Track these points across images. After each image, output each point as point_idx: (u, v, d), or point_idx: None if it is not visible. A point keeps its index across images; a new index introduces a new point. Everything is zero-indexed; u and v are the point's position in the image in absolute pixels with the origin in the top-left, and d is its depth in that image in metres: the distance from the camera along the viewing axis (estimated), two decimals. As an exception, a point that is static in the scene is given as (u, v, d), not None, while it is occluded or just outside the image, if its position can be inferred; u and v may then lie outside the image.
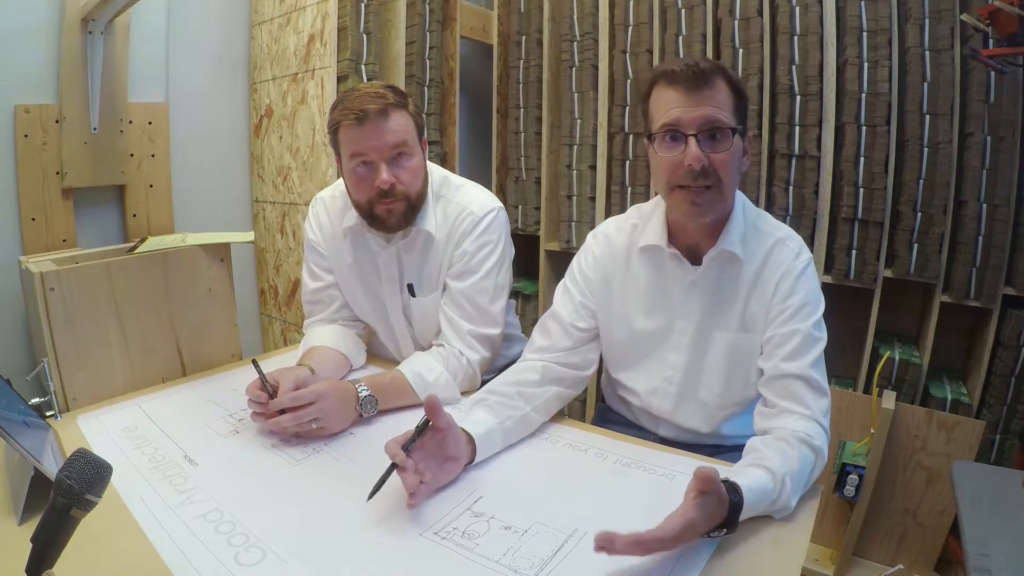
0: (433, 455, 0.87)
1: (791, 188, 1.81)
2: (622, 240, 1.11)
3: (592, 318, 1.13)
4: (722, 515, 0.74)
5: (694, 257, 1.03)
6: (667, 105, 0.94)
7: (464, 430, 0.92)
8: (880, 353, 1.74)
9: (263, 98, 2.07)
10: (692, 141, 0.92)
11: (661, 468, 0.95)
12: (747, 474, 0.80)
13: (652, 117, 0.97)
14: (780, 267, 0.99)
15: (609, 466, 0.97)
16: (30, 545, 0.56)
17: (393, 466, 0.82)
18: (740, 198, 1.04)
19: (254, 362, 1.05)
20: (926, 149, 1.67)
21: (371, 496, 0.81)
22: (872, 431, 1.51)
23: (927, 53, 1.64)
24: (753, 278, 1.00)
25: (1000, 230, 1.61)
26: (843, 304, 1.80)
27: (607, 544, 0.66)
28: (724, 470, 0.80)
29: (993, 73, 1.54)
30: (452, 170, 1.68)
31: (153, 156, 1.82)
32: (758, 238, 1.02)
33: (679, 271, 1.04)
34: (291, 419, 0.99)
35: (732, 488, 0.75)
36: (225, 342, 1.39)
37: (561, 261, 2.23)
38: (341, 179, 1.24)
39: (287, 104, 1.97)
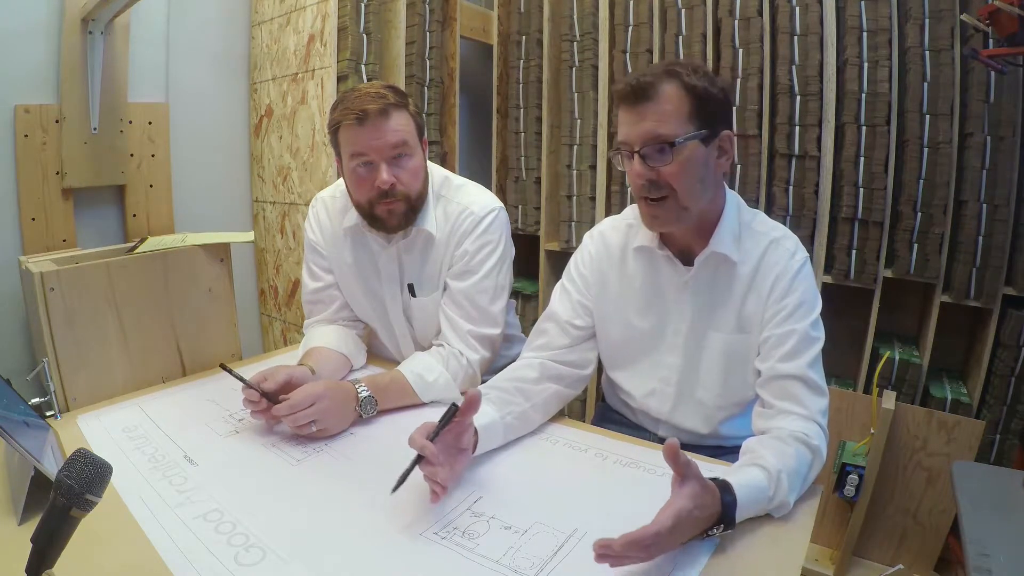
0: (450, 447, 0.87)
1: (791, 188, 1.81)
2: (617, 239, 1.11)
3: (589, 316, 1.13)
4: (715, 507, 0.74)
5: (686, 258, 1.03)
6: (620, 122, 0.96)
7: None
8: (880, 353, 1.74)
9: (263, 98, 2.07)
10: (636, 158, 0.93)
11: (661, 468, 0.94)
12: (741, 472, 0.80)
13: None
14: (776, 267, 0.99)
15: (609, 466, 0.97)
16: (30, 545, 0.56)
17: (418, 459, 0.81)
18: (733, 199, 1.04)
19: (222, 366, 1.04)
20: (926, 149, 1.66)
21: (395, 489, 0.80)
22: (872, 431, 1.51)
23: (927, 53, 1.64)
24: (749, 279, 1.00)
25: (1000, 230, 1.61)
26: (843, 304, 1.80)
27: (606, 550, 0.66)
28: (722, 473, 0.80)
29: (993, 73, 1.54)
30: (452, 170, 1.68)
31: (153, 156, 1.82)
32: (753, 238, 1.02)
33: (672, 272, 1.04)
34: (289, 421, 0.99)
35: (724, 487, 0.75)
36: (225, 342, 1.39)
37: (561, 261, 2.23)
38: (341, 179, 1.24)
39: (287, 104, 1.97)
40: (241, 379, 1.01)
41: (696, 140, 0.92)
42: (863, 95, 1.69)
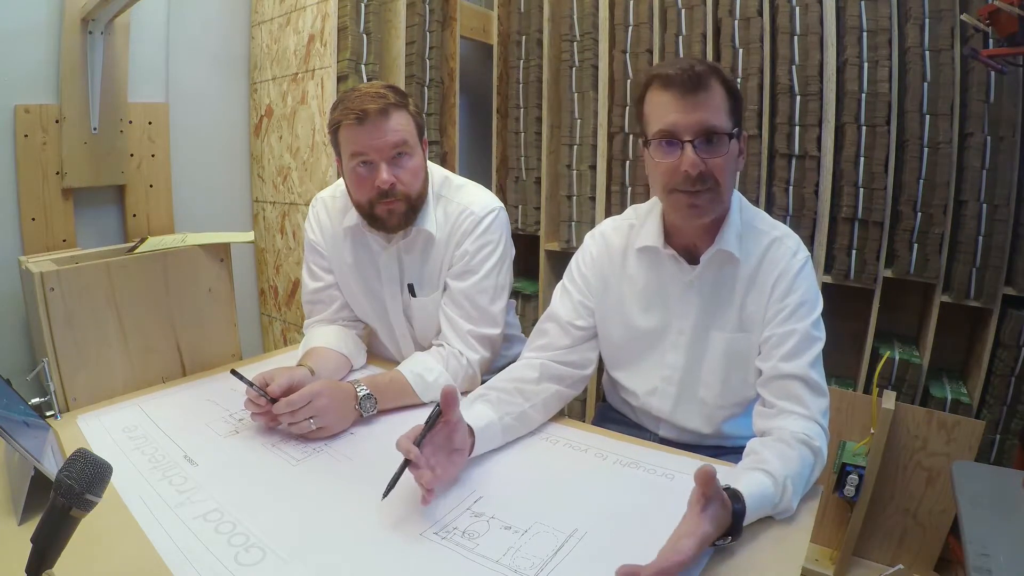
0: (441, 448, 0.87)
1: (791, 188, 1.81)
2: (619, 240, 1.11)
3: (591, 316, 1.13)
4: (727, 521, 0.73)
5: (691, 257, 1.03)
6: (663, 110, 0.93)
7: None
8: (880, 353, 1.74)
9: (263, 98, 2.07)
10: (689, 147, 0.92)
11: (661, 468, 0.95)
12: (748, 479, 0.79)
13: (647, 121, 0.97)
14: (777, 266, 0.99)
15: (609, 466, 0.97)
16: (30, 545, 0.56)
17: (406, 463, 0.81)
18: (737, 197, 1.04)
19: (234, 372, 1.03)
20: (926, 149, 1.66)
21: (385, 495, 0.80)
22: (872, 431, 1.51)
23: (927, 53, 1.64)
24: (750, 278, 1.00)
25: (1000, 230, 1.61)
26: (843, 304, 1.80)
27: None
28: (725, 475, 0.80)
29: (993, 73, 1.54)
30: (452, 170, 1.68)
31: (153, 156, 1.82)
32: (755, 237, 1.02)
33: (676, 271, 1.04)
34: (288, 419, 0.99)
35: (735, 495, 0.75)
36: (225, 342, 1.39)
37: (561, 261, 2.23)
38: (341, 179, 1.24)
39: (287, 104, 1.97)
40: (250, 383, 1.01)
41: (735, 136, 0.95)
42: (863, 95, 1.69)
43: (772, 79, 1.79)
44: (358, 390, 1.08)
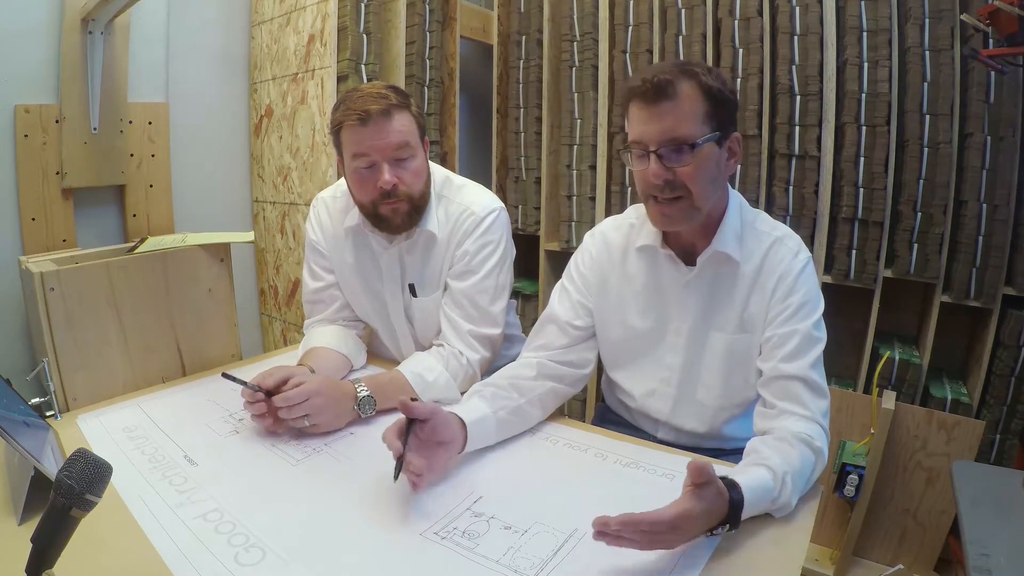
0: (426, 443, 0.88)
1: (791, 188, 1.81)
2: (619, 239, 1.11)
3: (589, 316, 1.13)
4: (722, 511, 0.74)
5: (689, 258, 1.03)
6: (633, 120, 0.95)
7: (459, 417, 0.93)
8: (880, 353, 1.74)
9: (263, 98, 2.07)
10: (653, 157, 0.92)
11: (661, 468, 0.95)
12: (748, 472, 0.80)
13: (628, 131, 0.99)
14: (779, 267, 0.99)
15: (609, 466, 0.97)
16: (30, 545, 0.55)
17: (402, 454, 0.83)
18: (736, 198, 1.03)
19: (225, 374, 1.03)
20: (926, 149, 1.66)
21: (396, 477, 0.83)
22: (872, 431, 1.51)
23: (927, 53, 1.64)
24: (752, 278, 1.00)
25: (1000, 230, 1.61)
26: (843, 304, 1.80)
27: (603, 527, 0.67)
28: (725, 469, 0.80)
29: (993, 73, 1.54)
30: (452, 170, 1.68)
31: (153, 156, 1.82)
32: (756, 238, 1.01)
33: (674, 271, 1.04)
34: (284, 413, 0.99)
35: (732, 485, 0.75)
36: (225, 342, 1.39)
37: (561, 261, 2.22)
38: (342, 179, 1.24)
39: (287, 104, 1.97)
40: (243, 383, 1.01)
41: (711, 141, 0.93)
42: (863, 95, 1.69)
43: (772, 79, 1.79)
44: (358, 390, 1.08)
